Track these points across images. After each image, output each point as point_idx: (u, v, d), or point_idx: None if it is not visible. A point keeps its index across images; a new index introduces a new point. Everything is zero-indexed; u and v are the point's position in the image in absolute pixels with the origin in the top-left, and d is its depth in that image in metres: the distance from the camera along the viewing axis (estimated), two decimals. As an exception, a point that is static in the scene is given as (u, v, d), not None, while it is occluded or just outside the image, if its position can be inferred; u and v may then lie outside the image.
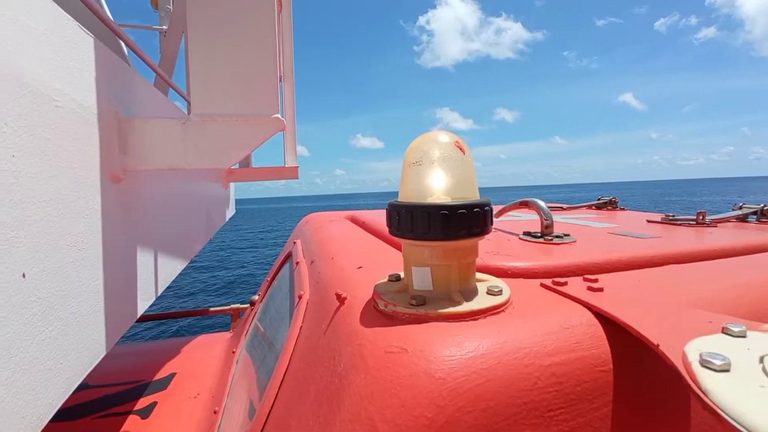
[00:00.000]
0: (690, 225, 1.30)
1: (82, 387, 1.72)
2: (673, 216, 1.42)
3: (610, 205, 2.01)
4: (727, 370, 0.36)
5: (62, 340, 0.79)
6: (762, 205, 1.44)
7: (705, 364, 0.37)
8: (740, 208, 1.48)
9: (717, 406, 0.33)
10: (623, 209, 1.98)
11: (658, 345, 0.41)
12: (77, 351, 0.84)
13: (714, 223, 1.32)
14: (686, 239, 1.03)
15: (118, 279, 1.04)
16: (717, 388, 0.34)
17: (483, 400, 0.41)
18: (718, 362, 0.36)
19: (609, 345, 0.49)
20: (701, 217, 1.32)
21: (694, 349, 0.39)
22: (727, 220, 1.41)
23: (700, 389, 0.35)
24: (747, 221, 1.43)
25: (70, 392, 0.82)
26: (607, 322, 0.51)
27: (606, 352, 0.48)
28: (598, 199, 2.06)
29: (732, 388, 0.34)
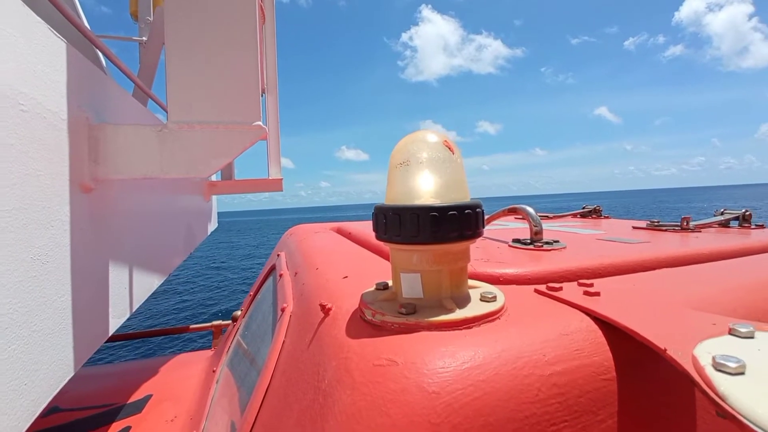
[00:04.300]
0: (675, 230, 1.31)
1: (53, 410, 1.62)
2: (658, 222, 1.43)
3: (595, 213, 2.04)
4: (743, 373, 0.34)
5: (25, 360, 0.74)
6: (743, 210, 1.47)
7: (719, 367, 0.34)
8: (722, 213, 1.51)
9: (737, 412, 0.30)
10: (607, 217, 2.00)
11: (665, 349, 0.38)
12: (41, 372, 0.78)
13: (698, 229, 1.34)
14: (674, 244, 1.03)
15: (87, 295, 0.97)
16: (735, 393, 0.32)
17: (481, 416, 0.38)
18: (732, 365, 0.34)
19: (611, 351, 0.46)
20: (686, 223, 1.33)
21: (705, 352, 0.37)
22: (710, 225, 1.43)
23: (716, 394, 0.32)
24: (729, 226, 1.45)
25: (36, 415, 0.76)
26: (607, 327, 0.49)
27: (608, 359, 0.45)
28: (583, 208, 2.08)
29: (750, 391, 0.32)
